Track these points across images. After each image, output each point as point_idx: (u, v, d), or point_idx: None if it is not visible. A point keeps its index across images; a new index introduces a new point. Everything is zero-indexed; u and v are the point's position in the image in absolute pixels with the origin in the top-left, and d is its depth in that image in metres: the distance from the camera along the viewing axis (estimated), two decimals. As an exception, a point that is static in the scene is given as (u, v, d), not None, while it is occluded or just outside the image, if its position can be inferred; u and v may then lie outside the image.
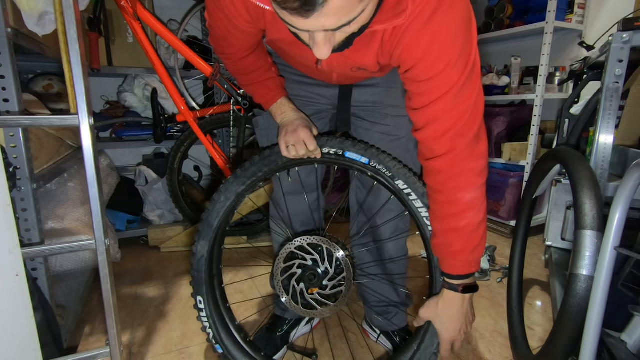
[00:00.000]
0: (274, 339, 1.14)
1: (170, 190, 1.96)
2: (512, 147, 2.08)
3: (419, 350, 0.87)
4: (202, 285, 0.99)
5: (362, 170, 0.92)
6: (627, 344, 0.78)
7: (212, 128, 1.90)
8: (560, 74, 2.10)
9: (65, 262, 1.28)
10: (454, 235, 0.79)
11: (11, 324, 0.74)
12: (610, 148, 1.10)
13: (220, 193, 0.97)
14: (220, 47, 0.89)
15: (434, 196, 0.80)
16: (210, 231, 0.97)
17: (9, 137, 0.90)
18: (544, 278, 1.66)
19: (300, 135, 0.87)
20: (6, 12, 0.87)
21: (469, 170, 0.74)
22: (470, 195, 0.75)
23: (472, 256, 0.79)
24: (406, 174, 0.88)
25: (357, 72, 0.83)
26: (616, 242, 0.70)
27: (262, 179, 0.96)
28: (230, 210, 0.98)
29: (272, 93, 0.95)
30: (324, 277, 0.92)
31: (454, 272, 0.81)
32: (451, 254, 0.81)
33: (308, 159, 0.93)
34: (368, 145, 0.91)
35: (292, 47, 0.78)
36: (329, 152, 0.91)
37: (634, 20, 1.04)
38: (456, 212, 0.77)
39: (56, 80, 1.74)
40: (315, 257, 0.92)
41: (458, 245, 0.79)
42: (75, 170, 1.40)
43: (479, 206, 0.76)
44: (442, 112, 0.70)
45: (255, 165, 0.95)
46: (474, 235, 0.77)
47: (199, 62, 1.64)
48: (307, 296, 0.92)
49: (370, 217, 1.07)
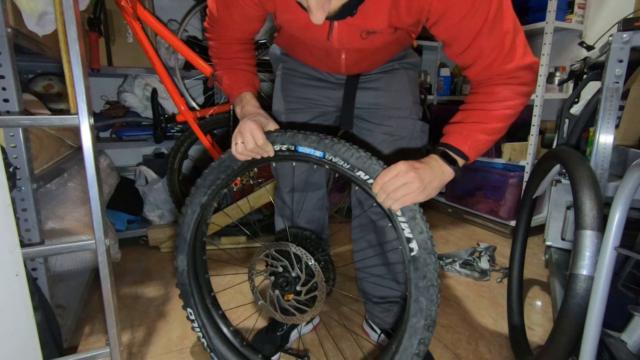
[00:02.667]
0: (274, 339, 1.14)
1: (170, 190, 1.96)
2: (512, 147, 2.08)
3: (398, 351, 0.80)
4: (189, 297, 1.00)
5: (319, 164, 0.84)
6: (627, 344, 0.78)
7: (212, 128, 1.90)
8: (560, 74, 2.10)
9: (65, 262, 1.28)
10: (477, 113, 0.77)
11: (11, 324, 0.74)
12: (610, 148, 1.10)
13: (186, 206, 0.97)
14: (213, 29, 0.91)
15: (473, 90, 0.80)
16: (185, 245, 0.98)
17: (9, 137, 0.90)
18: (544, 278, 1.66)
19: (247, 128, 0.82)
20: (6, 12, 0.87)
21: (517, 77, 0.74)
22: (507, 94, 0.75)
23: (479, 140, 0.77)
24: (365, 162, 0.77)
25: (368, 40, 0.80)
26: (616, 242, 0.70)
27: (224, 186, 0.94)
28: (200, 221, 0.98)
29: (240, 84, 0.95)
30: (297, 282, 0.90)
31: (457, 144, 0.77)
32: (465, 125, 0.78)
33: (262, 159, 0.87)
34: (321, 137, 0.81)
35: (303, 30, 0.80)
36: (280, 148, 0.84)
37: (634, 20, 1.04)
38: (489, 99, 0.76)
39: (56, 80, 1.74)
40: (285, 264, 0.90)
41: (475, 119, 0.77)
42: (75, 170, 1.40)
43: (513, 107, 0.75)
44: (487, 42, 0.70)
45: (212, 173, 0.92)
46: (494, 123, 0.76)
47: (199, 62, 1.64)
48: (284, 302, 0.92)
49: (369, 217, 1.07)
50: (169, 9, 2.23)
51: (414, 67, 1.05)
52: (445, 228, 2.31)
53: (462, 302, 1.46)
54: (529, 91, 0.76)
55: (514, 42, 0.71)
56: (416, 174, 0.72)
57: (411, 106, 1.01)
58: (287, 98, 1.05)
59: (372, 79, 1.00)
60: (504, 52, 0.71)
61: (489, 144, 0.78)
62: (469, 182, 2.39)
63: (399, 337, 0.80)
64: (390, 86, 1.00)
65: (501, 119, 0.76)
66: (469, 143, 0.77)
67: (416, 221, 0.74)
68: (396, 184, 0.72)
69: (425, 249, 0.74)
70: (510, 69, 0.73)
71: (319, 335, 1.24)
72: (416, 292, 0.76)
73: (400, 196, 0.72)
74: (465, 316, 1.37)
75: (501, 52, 0.71)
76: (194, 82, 2.17)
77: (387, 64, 1.01)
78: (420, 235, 0.74)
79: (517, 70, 0.73)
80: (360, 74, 1.00)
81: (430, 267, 0.75)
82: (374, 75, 1.00)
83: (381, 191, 0.73)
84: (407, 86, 1.01)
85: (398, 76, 1.01)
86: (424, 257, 0.74)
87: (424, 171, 0.73)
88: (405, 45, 1.00)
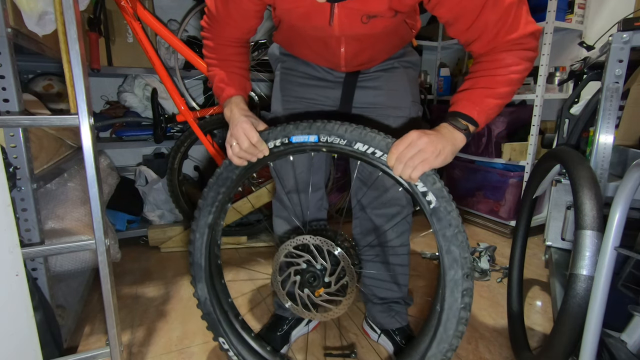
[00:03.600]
0: (275, 338, 1.14)
1: (170, 190, 1.96)
2: (512, 147, 2.08)
3: (444, 309, 0.76)
4: (218, 327, 0.96)
5: (316, 149, 0.83)
6: (627, 344, 0.78)
7: (212, 128, 1.90)
8: (560, 74, 2.10)
9: (65, 262, 1.28)
10: (484, 79, 0.77)
11: (11, 324, 0.74)
12: (610, 148, 1.10)
13: (194, 232, 0.94)
14: (211, 28, 0.91)
15: (477, 59, 0.80)
16: (201, 272, 0.95)
17: (9, 137, 0.90)
18: (544, 278, 1.65)
19: (240, 129, 0.82)
20: (6, 12, 0.87)
21: (520, 44, 0.74)
22: (512, 60, 0.75)
23: (488, 105, 0.77)
24: (361, 133, 0.77)
25: (369, 25, 0.80)
26: (616, 242, 0.70)
27: (227, 200, 0.93)
28: (211, 243, 0.95)
29: (231, 87, 0.93)
30: (324, 274, 0.87)
31: (466, 110, 0.77)
32: (473, 91, 0.78)
33: (259, 162, 0.86)
34: (312, 121, 0.81)
35: (304, 19, 0.80)
36: (275, 144, 0.83)
37: (634, 20, 1.04)
38: (494, 66, 0.76)
39: (56, 80, 1.74)
40: (307, 258, 0.88)
41: (483, 84, 0.77)
42: (75, 170, 1.40)
43: (519, 72, 0.75)
44: (491, 15, 0.71)
45: (212, 190, 0.91)
46: (502, 87, 0.76)
47: (199, 62, 1.64)
48: (316, 299, 0.88)
49: (371, 215, 1.08)
50: (169, 9, 2.23)
51: (414, 65, 1.05)
52: (445, 228, 2.31)
53: (462, 302, 1.46)
54: (533, 56, 0.77)
55: (517, 12, 0.72)
56: (429, 139, 0.72)
57: (410, 105, 1.00)
58: (285, 98, 1.05)
59: (371, 77, 1.00)
60: (508, 23, 0.72)
61: (498, 108, 0.78)
62: (469, 182, 2.40)
63: (441, 295, 0.76)
64: (389, 85, 0.99)
65: (509, 82, 0.76)
66: (478, 108, 0.77)
67: (426, 174, 0.74)
68: (411, 152, 0.71)
69: (442, 197, 0.74)
70: (514, 37, 0.73)
71: (321, 335, 1.24)
72: (446, 242, 0.74)
73: (417, 163, 0.71)
74: (465, 316, 1.37)
75: (505, 24, 0.72)
76: (194, 82, 2.17)
77: (386, 62, 1.00)
78: (434, 186, 0.74)
79: (520, 38, 0.74)
80: (359, 71, 1.00)
81: (452, 214, 0.73)
82: (373, 73, 1.00)
83: (397, 162, 0.73)
84: (406, 85, 1.01)
85: (397, 75, 1.00)
86: (443, 206, 0.73)
87: (437, 137, 0.74)
88: (405, 40, 0.99)
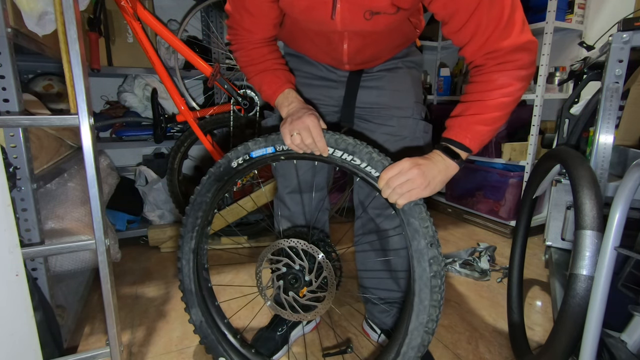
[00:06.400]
0: (274, 338, 1.14)
1: (170, 190, 1.96)
2: (512, 147, 2.08)
3: (415, 279, 0.79)
4: (218, 347, 0.99)
5: (276, 160, 0.89)
6: (627, 344, 0.78)
7: (212, 128, 1.90)
8: (560, 74, 2.10)
9: (65, 262, 1.28)
10: (475, 104, 0.78)
11: (11, 324, 0.74)
12: (610, 148, 1.10)
13: (180, 259, 0.98)
14: (237, 36, 0.92)
15: (471, 79, 0.80)
16: (193, 297, 0.98)
17: (9, 137, 0.90)
18: (544, 278, 1.65)
19: (306, 122, 0.82)
20: (6, 12, 0.86)
21: (514, 61, 0.74)
22: (505, 80, 0.75)
23: (479, 132, 0.77)
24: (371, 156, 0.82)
25: (372, 21, 0.80)
26: (616, 242, 0.70)
27: (207, 224, 0.97)
28: (198, 267, 0.98)
29: (280, 82, 0.93)
30: (305, 286, 0.90)
31: (458, 138, 0.78)
32: (464, 118, 0.79)
33: (230, 182, 0.92)
34: (267, 135, 0.87)
35: (306, 11, 0.80)
36: (237, 162, 0.90)
37: (634, 20, 1.04)
38: (486, 88, 0.76)
39: (56, 80, 1.74)
40: (286, 261, 0.91)
41: (474, 111, 0.78)
42: (75, 170, 1.40)
43: (511, 94, 0.75)
44: (486, 15, 0.71)
45: (190, 216, 0.96)
46: (492, 112, 0.76)
47: (199, 62, 1.65)
48: (301, 300, 0.91)
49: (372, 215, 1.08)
50: (169, 9, 2.23)
51: (417, 65, 1.04)
52: (445, 228, 2.31)
53: (462, 302, 1.46)
54: (528, 75, 0.76)
55: (511, 17, 0.72)
56: (419, 171, 0.75)
57: (413, 106, 1.00)
58: None
59: (374, 77, 1.00)
60: (501, 27, 0.71)
61: (490, 133, 0.79)
62: (469, 182, 2.39)
63: (411, 268, 0.79)
64: (392, 85, 0.99)
65: (499, 107, 0.76)
66: (470, 135, 0.78)
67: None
68: (400, 180, 0.75)
69: None
70: (506, 46, 0.73)
71: (321, 335, 1.24)
72: (405, 216, 0.78)
73: (405, 191, 0.75)
74: (465, 316, 1.37)
75: (498, 26, 0.71)
76: (194, 82, 2.17)
77: (389, 62, 1.00)
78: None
79: (513, 51, 0.73)
80: (362, 70, 1.00)
81: None
82: (376, 73, 1.00)
83: (386, 187, 0.77)
84: (409, 85, 1.00)
85: (400, 75, 1.00)
86: None
87: (427, 167, 0.76)
88: (409, 39, 0.99)
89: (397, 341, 0.81)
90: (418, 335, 0.77)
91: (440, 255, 0.77)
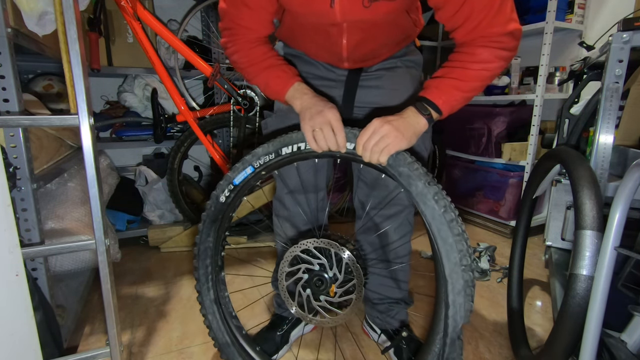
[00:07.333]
0: (274, 338, 1.14)
1: (170, 190, 1.96)
2: (512, 147, 2.08)
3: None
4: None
5: (259, 177, 0.91)
6: (627, 344, 0.78)
7: (212, 128, 1.90)
8: (560, 74, 2.10)
9: (65, 262, 1.28)
10: (456, 70, 0.81)
11: (11, 324, 0.74)
12: (610, 148, 1.10)
13: (206, 316, 0.96)
14: (233, 36, 0.90)
15: (456, 49, 0.83)
16: (231, 349, 0.96)
17: (9, 137, 0.90)
18: (544, 278, 1.65)
19: (327, 115, 0.80)
20: (6, 12, 0.86)
21: (499, 42, 0.77)
22: (488, 56, 0.78)
23: (454, 96, 0.81)
24: (283, 139, 0.85)
25: (371, 9, 0.79)
26: (616, 242, 0.70)
27: (217, 270, 0.96)
28: (226, 316, 0.97)
29: (287, 76, 0.91)
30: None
31: (432, 98, 0.81)
32: (443, 80, 0.82)
33: (224, 227, 0.93)
34: (242, 158, 0.90)
35: (305, 4, 0.80)
36: (225, 196, 0.92)
37: (634, 20, 1.04)
38: (469, 59, 0.80)
39: (56, 80, 1.74)
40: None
41: (454, 75, 0.81)
42: (75, 170, 1.40)
43: (491, 70, 0.79)
44: (477, 2, 0.73)
45: (200, 268, 0.95)
46: (471, 81, 0.80)
47: (199, 62, 1.65)
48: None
49: (372, 212, 1.08)
50: (169, 9, 2.23)
51: (416, 65, 1.04)
52: (445, 228, 2.31)
53: (462, 302, 1.46)
54: (509, 56, 0.80)
55: (503, 6, 0.75)
56: (391, 126, 0.77)
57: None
58: None
59: (373, 76, 1.00)
60: (492, 13, 0.74)
61: (463, 101, 0.83)
62: (469, 182, 2.39)
63: (421, 211, 0.77)
64: (391, 84, 0.99)
65: (478, 78, 0.81)
66: (444, 97, 0.81)
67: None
68: (375, 139, 0.77)
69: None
70: (495, 32, 0.76)
71: (321, 335, 1.24)
72: (405, 180, 0.78)
73: (382, 147, 0.77)
74: (465, 316, 1.37)
75: (489, 13, 0.74)
76: (194, 82, 2.17)
77: (388, 61, 1.00)
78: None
79: (501, 35, 0.76)
80: (361, 69, 1.00)
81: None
82: (375, 72, 1.00)
83: (364, 151, 0.78)
84: (408, 84, 1.00)
85: (399, 74, 1.00)
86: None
87: (398, 122, 0.79)
88: (408, 35, 0.99)
89: (440, 291, 0.75)
90: (458, 277, 0.72)
91: (442, 191, 0.76)
